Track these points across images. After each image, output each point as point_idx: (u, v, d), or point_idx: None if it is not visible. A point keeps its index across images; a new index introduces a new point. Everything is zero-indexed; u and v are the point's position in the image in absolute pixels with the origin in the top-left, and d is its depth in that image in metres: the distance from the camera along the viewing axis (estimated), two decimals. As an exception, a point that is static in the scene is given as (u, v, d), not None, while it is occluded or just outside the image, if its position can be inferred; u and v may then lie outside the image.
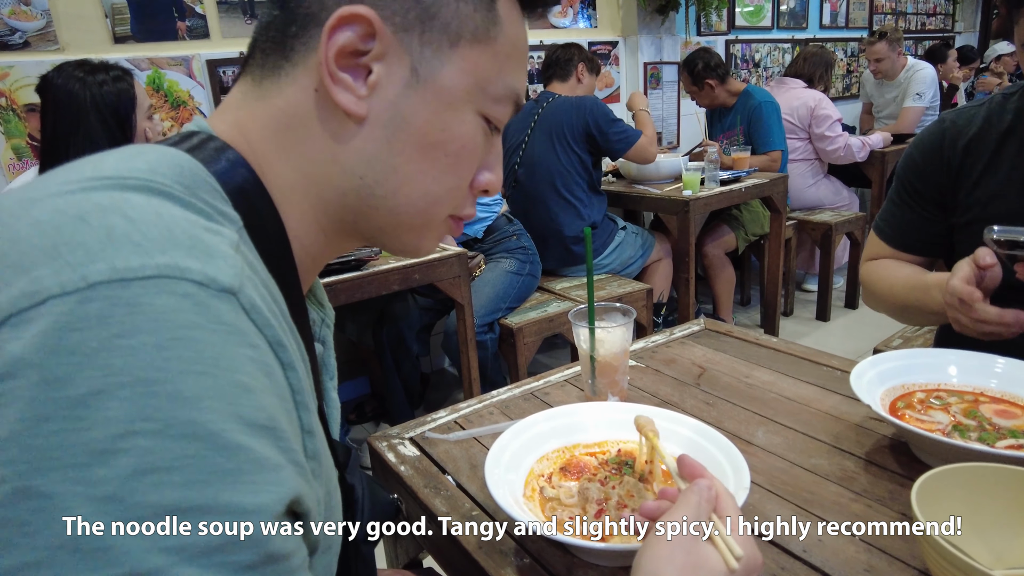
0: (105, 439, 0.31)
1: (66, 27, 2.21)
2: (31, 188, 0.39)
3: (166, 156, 0.43)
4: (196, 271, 0.35)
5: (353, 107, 0.48)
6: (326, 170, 0.50)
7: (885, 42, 3.87)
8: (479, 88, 0.51)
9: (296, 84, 0.49)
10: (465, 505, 0.78)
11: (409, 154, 0.50)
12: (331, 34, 0.47)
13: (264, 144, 0.50)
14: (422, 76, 0.49)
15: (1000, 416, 0.82)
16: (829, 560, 0.65)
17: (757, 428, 0.91)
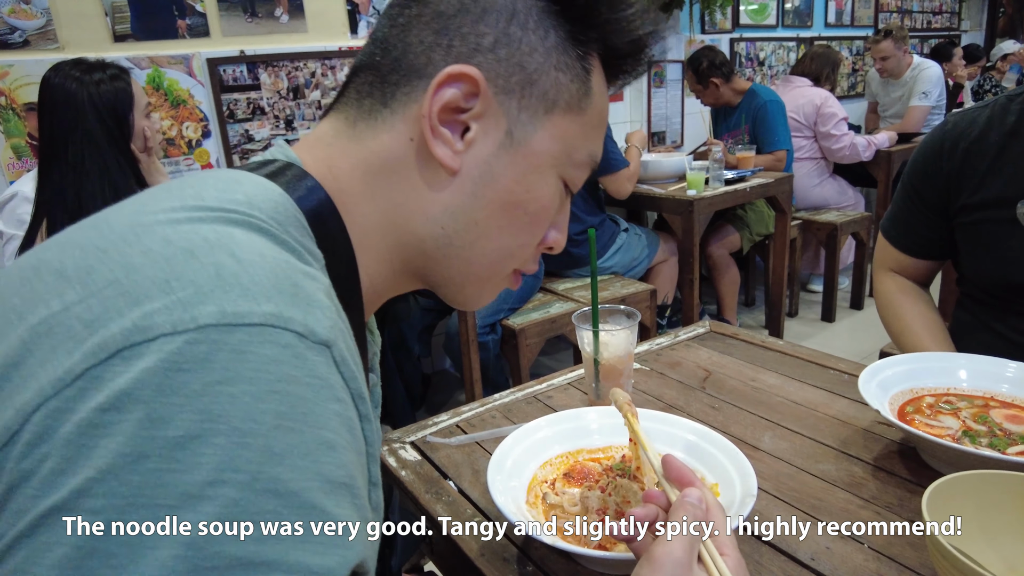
0: (196, 484, 0.32)
1: (66, 26, 2.20)
2: (136, 211, 0.40)
3: (261, 188, 0.45)
4: (298, 322, 0.36)
5: (448, 160, 0.50)
6: (410, 216, 0.52)
7: (891, 40, 3.85)
8: (565, 154, 0.54)
9: (393, 131, 0.51)
10: (467, 511, 0.77)
11: (492, 210, 0.52)
12: (438, 89, 0.49)
13: (353, 184, 0.51)
14: (516, 138, 0.51)
15: (1011, 421, 0.80)
16: (837, 568, 0.64)
17: (763, 433, 0.89)
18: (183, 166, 2.53)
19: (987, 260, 1.09)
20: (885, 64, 3.95)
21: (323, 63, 2.75)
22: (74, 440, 0.32)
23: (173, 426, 0.32)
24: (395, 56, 0.51)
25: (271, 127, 2.70)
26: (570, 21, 0.52)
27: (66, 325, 0.34)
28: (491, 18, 0.50)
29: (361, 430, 0.40)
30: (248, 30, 2.56)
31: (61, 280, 0.36)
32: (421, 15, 0.51)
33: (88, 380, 0.33)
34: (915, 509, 0.71)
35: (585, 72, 0.53)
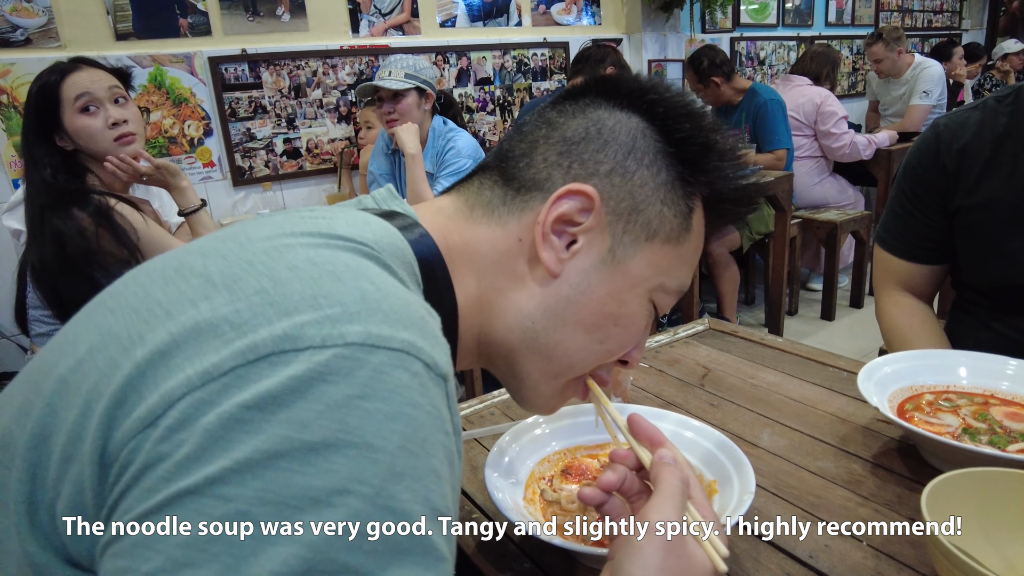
0: (324, 490, 0.34)
1: (68, 24, 2.20)
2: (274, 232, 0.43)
3: (386, 231, 0.49)
4: (427, 353, 0.39)
5: (552, 265, 0.54)
6: (505, 306, 0.56)
7: (882, 43, 3.85)
8: (657, 280, 0.57)
9: (504, 228, 0.56)
10: (464, 507, 0.77)
11: (582, 316, 0.55)
12: (557, 200, 0.54)
13: (460, 256, 0.56)
14: (617, 257, 0.55)
15: (1011, 419, 0.80)
16: (836, 566, 0.64)
17: (762, 430, 0.89)
18: (185, 164, 2.53)
19: (985, 261, 1.09)
20: (880, 67, 3.95)
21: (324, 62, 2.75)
22: (214, 431, 0.34)
23: (311, 431, 0.34)
24: (520, 166, 0.57)
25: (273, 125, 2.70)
26: (682, 164, 0.56)
27: (215, 325, 0.37)
28: (611, 149, 0.55)
29: (457, 465, 0.42)
30: (250, 29, 2.56)
31: (208, 284, 0.39)
32: (549, 137, 0.57)
33: (234, 377, 0.35)
34: (914, 507, 0.71)
35: (688, 210, 0.57)
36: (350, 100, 2.85)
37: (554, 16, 3.38)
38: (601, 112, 0.57)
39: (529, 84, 3.35)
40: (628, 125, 0.56)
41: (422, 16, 2.99)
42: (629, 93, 0.58)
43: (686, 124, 0.56)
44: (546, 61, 3.37)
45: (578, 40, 3.43)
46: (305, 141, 2.78)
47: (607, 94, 0.58)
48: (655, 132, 0.56)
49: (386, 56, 2.70)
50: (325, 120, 2.81)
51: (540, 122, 0.59)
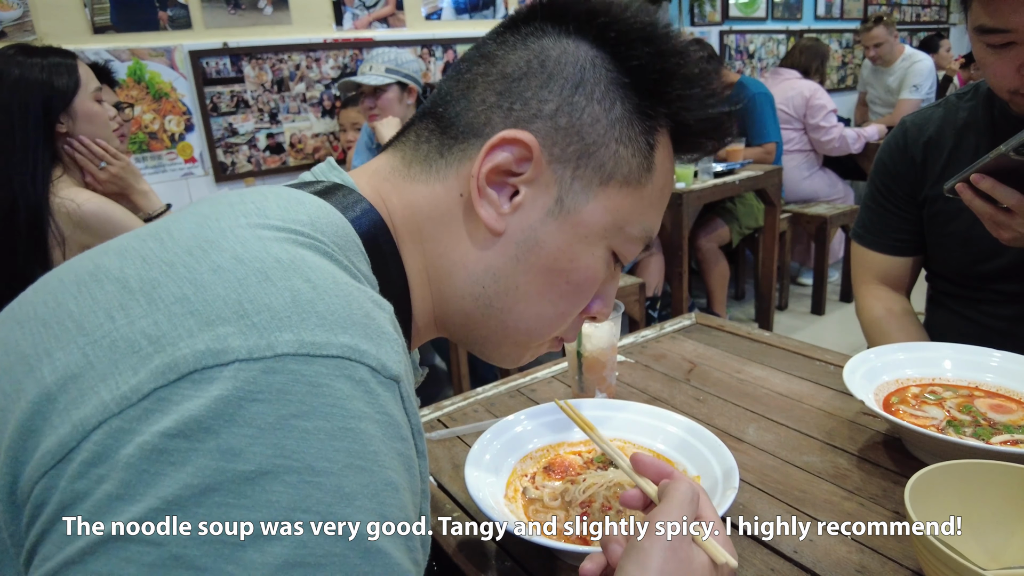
0: (265, 522, 0.30)
1: (43, 16, 2.16)
2: (199, 224, 0.39)
3: (322, 211, 0.45)
4: (372, 356, 0.35)
5: (492, 222, 0.50)
6: (452, 270, 0.52)
7: (883, 26, 3.85)
8: (617, 227, 0.52)
9: (444, 184, 0.51)
10: (446, 506, 0.75)
11: (533, 275, 0.51)
12: (490, 151, 0.49)
13: (402, 221, 0.51)
14: (566, 207, 0.50)
15: (995, 411, 0.79)
16: (821, 561, 0.63)
17: (748, 425, 0.88)
18: (166, 160, 2.49)
19: (952, 249, 1.12)
20: (879, 51, 3.94)
21: (308, 55, 2.72)
22: (136, 465, 0.30)
23: (244, 459, 0.30)
24: (457, 111, 0.51)
25: (255, 120, 2.66)
26: (639, 95, 0.51)
27: (130, 340, 0.33)
28: (556, 85, 0.49)
29: (419, 467, 0.39)
30: (231, 22, 2.52)
31: (124, 291, 0.35)
32: (487, 74, 0.51)
33: (154, 401, 0.31)
34: (899, 500, 0.70)
35: (648, 147, 0.52)
36: (334, 94, 2.82)
37: (542, 10, 3.36)
38: (546, 42, 0.50)
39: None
40: (576, 55, 0.50)
41: (407, 9, 2.96)
42: (577, 17, 0.51)
43: (643, 49, 0.50)
44: (534, 55, 3.35)
45: (566, 34, 3.41)
46: (288, 136, 2.75)
47: (553, 20, 0.51)
48: (607, 60, 0.50)
49: (370, 49, 2.67)
50: (308, 114, 2.78)
51: (479, 57, 0.52)
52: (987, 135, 1.05)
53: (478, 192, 0.49)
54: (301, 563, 0.30)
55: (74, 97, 1.45)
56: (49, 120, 1.43)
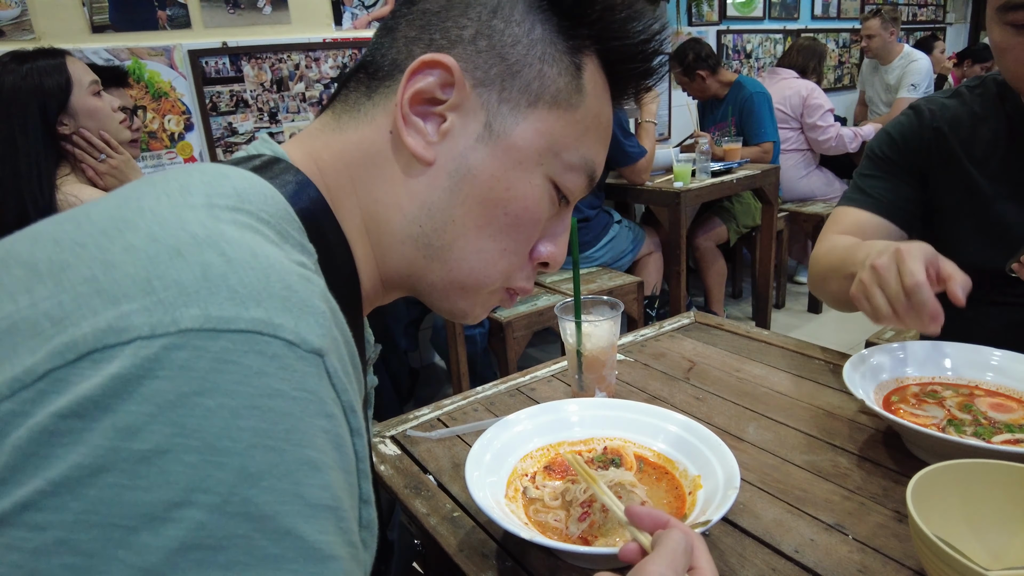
0: (160, 504, 0.29)
1: (42, 15, 2.15)
2: (118, 205, 0.37)
3: (249, 182, 0.42)
4: (288, 329, 0.34)
5: (421, 151, 0.48)
6: (388, 215, 0.50)
7: (878, 19, 3.87)
8: (552, 152, 0.51)
9: (373, 124, 0.50)
10: (446, 506, 0.75)
11: (469, 207, 0.50)
12: (411, 77, 0.48)
13: (336, 178, 0.50)
14: (495, 131, 0.49)
15: (996, 410, 0.79)
16: (822, 560, 0.63)
17: (748, 424, 0.88)
18: (165, 160, 2.49)
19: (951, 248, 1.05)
20: (871, 43, 3.96)
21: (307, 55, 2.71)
22: (25, 448, 0.29)
23: (140, 438, 0.29)
24: (382, 53, 0.51)
25: (255, 120, 2.66)
26: (559, 15, 0.51)
27: (31, 321, 0.31)
28: (474, 12, 0.49)
29: (352, 446, 0.37)
30: (230, 21, 2.52)
31: (32, 275, 0.33)
32: (409, 14, 0.51)
33: (50, 383, 0.30)
34: (900, 499, 0.70)
35: (575, 67, 0.51)
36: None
37: (540, 9, 3.36)
38: None
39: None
40: None
41: (406, 9, 2.96)
42: None
43: None
44: (532, 54, 3.35)
45: (564, 33, 3.41)
46: (288, 135, 2.74)
47: None
48: None
49: (370, 49, 2.67)
50: (308, 114, 2.78)
51: (402, 4, 0.53)
52: (1004, 131, 1.02)
53: (403, 121, 0.48)
54: (200, 546, 0.29)
55: (69, 96, 1.44)
56: (48, 124, 1.43)
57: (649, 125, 2.79)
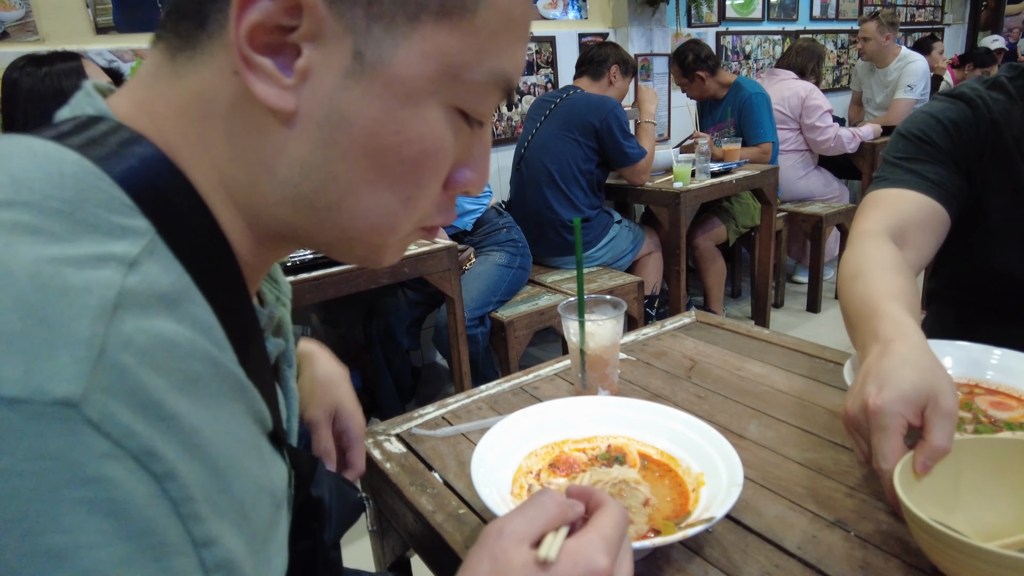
0: None
1: (46, 17, 2.16)
2: None
3: (37, 163, 0.33)
4: (13, 382, 0.26)
5: (276, 100, 0.38)
6: (253, 175, 0.41)
7: (875, 22, 3.88)
8: (449, 76, 0.40)
9: (213, 63, 0.39)
10: (452, 503, 0.76)
11: (352, 160, 0.40)
12: (243, 6, 0.36)
13: (177, 135, 0.40)
14: (368, 61, 0.38)
15: (996, 408, 0.80)
16: (824, 557, 0.64)
17: (749, 422, 0.89)
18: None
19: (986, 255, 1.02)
20: (865, 45, 3.99)
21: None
22: None
23: None
24: None
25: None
26: None
27: None
28: None
29: (162, 492, 0.30)
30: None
31: None
32: None
33: None
34: (900, 496, 0.71)
35: None
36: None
37: (540, 10, 3.37)
38: None
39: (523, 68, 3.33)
40: None
41: (407, 9, 2.96)
42: None
43: None
44: (533, 55, 3.35)
45: (564, 34, 3.42)
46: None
47: None
48: None
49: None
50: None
51: None
52: None
53: (245, 64, 0.37)
54: None
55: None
56: None
57: (649, 126, 2.80)
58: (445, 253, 1.97)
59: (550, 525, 0.45)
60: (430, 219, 0.47)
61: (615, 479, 0.70)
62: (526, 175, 2.72)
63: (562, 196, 2.64)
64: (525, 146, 2.74)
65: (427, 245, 1.99)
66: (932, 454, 0.62)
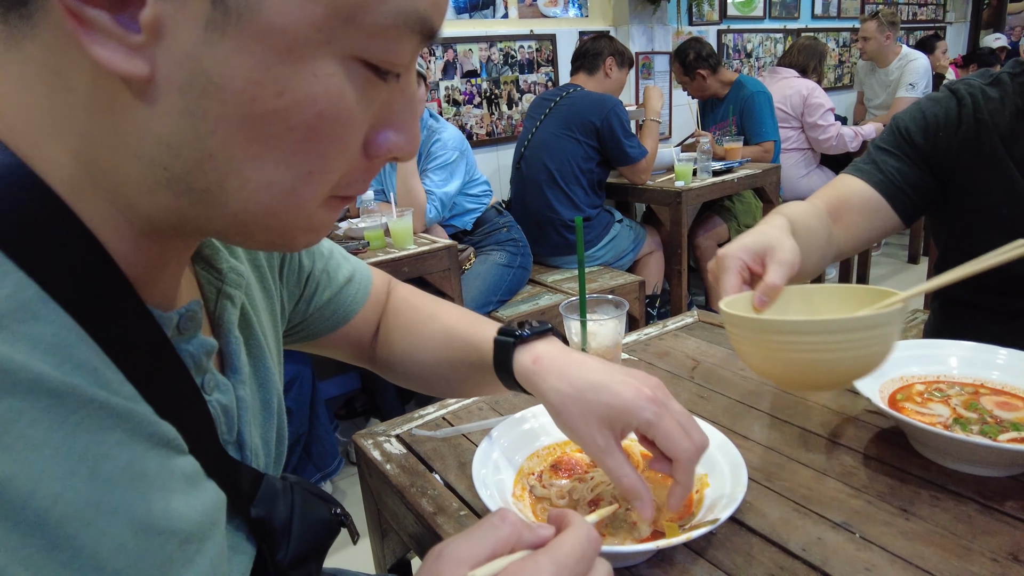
0: None
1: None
2: None
3: None
4: None
5: (122, 64, 0.31)
6: (116, 159, 0.34)
7: (875, 22, 3.88)
8: (342, 20, 0.32)
9: (50, 23, 0.32)
10: (453, 504, 0.75)
11: (228, 132, 0.33)
12: None
13: (18, 117, 0.33)
14: (233, 8, 0.31)
15: (1001, 408, 0.79)
16: (829, 558, 0.63)
17: (753, 422, 0.88)
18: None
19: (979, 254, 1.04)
20: (865, 45, 3.98)
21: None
22: None
23: None
24: None
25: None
26: None
27: None
28: None
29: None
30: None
31: None
32: None
33: None
34: (906, 497, 0.70)
35: None
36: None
37: (541, 8, 3.36)
38: None
39: (516, 77, 3.33)
40: None
41: (407, 8, 2.96)
42: None
43: None
44: (533, 54, 3.35)
45: (565, 32, 3.41)
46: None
47: None
48: None
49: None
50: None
51: None
52: None
53: (73, 19, 0.30)
54: None
55: None
56: None
57: (653, 124, 2.79)
58: (445, 253, 1.97)
59: (500, 548, 0.40)
60: (342, 190, 0.40)
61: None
62: (526, 174, 2.71)
63: (562, 195, 2.63)
64: (525, 145, 2.73)
65: (427, 244, 1.98)
66: (766, 289, 0.75)
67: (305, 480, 0.59)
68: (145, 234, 0.38)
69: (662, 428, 0.58)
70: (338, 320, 0.76)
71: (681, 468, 0.59)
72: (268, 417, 0.56)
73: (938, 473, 0.74)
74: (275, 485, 0.51)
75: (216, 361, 0.50)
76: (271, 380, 0.57)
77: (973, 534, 0.64)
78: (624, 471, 0.58)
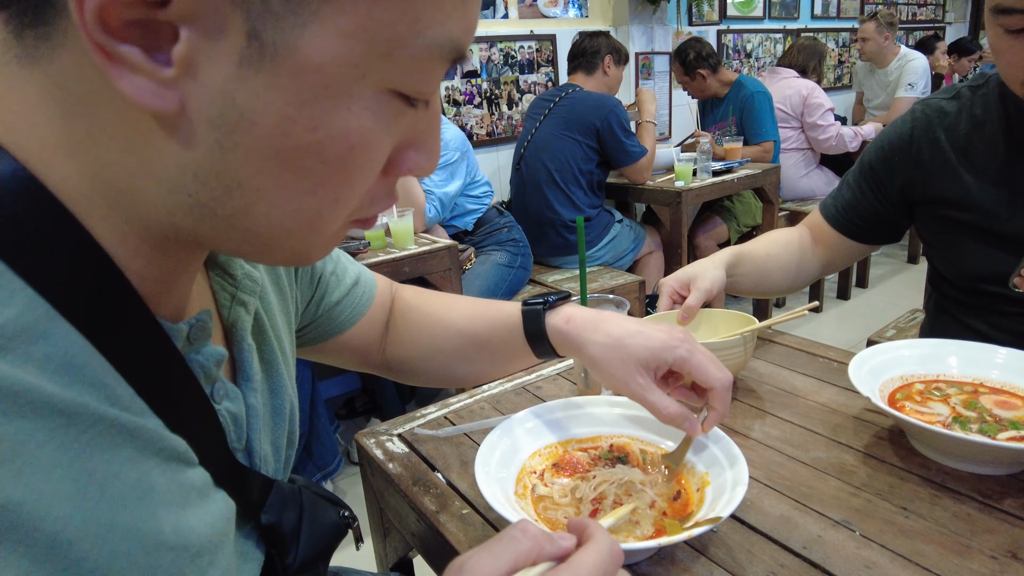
0: None
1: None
2: None
3: None
4: None
5: (152, 99, 0.30)
6: (135, 183, 0.34)
7: (874, 23, 3.88)
8: (378, 55, 0.32)
9: (71, 47, 0.31)
10: (455, 503, 0.76)
11: (259, 164, 0.33)
12: None
13: (31, 134, 0.33)
14: (269, 45, 0.30)
15: (1000, 407, 0.80)
16: (829, 556, 0.63)
17: (753, 421, 0.89)
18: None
19: (952, 259, 1.07)
20: (864, 46, 3.99)
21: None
22: None
23: None
24: None
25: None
26: None
27: None
28: None
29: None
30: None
31: None
32: None
33: None
34: (906, 496, 0.71)
35: None
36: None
37: (541, 8, 3.36)
38: None
39: (516, 77, 3.33)
40: None
41: (407, 8, 2.96)
42: None
43: None
44: (533, 54, 3.35)
45: (565, 32, 3.41)
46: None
47: None
48: None
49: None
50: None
51: None
52: (1002, 133, 0.98)
53: (102, 54, 0.29)
54: None
55: None
56: None
57: (649, 125, 2.79)
58: (446, 253, 1.97)
59: (521, 561, 0.39)
60: (362, 212, 0.40)
61: (620, 479, 0.70)
62: (526, 175, 2.71)
63: (562, 196, 2.63)
64: (525, 145, 2.73)
65: (427, 245, 1.98)
66: (684, 309, 0.99)
67: (313, 483, 0.59)
68: (161, 249, 0.38)
69: (695, 362, 0.67)
70: (346, 321, 0.76)
71: (717, 395, 0.67)
72: (279, 423, 0.56)
73: (937, 472, 0.74)
74: (284, 490, 0.51)
75: (228, 368, 0.50)
76: (283, 386, 0.57)
77: (972, 532, 0.65)
78: (666, 402, 0.67)
